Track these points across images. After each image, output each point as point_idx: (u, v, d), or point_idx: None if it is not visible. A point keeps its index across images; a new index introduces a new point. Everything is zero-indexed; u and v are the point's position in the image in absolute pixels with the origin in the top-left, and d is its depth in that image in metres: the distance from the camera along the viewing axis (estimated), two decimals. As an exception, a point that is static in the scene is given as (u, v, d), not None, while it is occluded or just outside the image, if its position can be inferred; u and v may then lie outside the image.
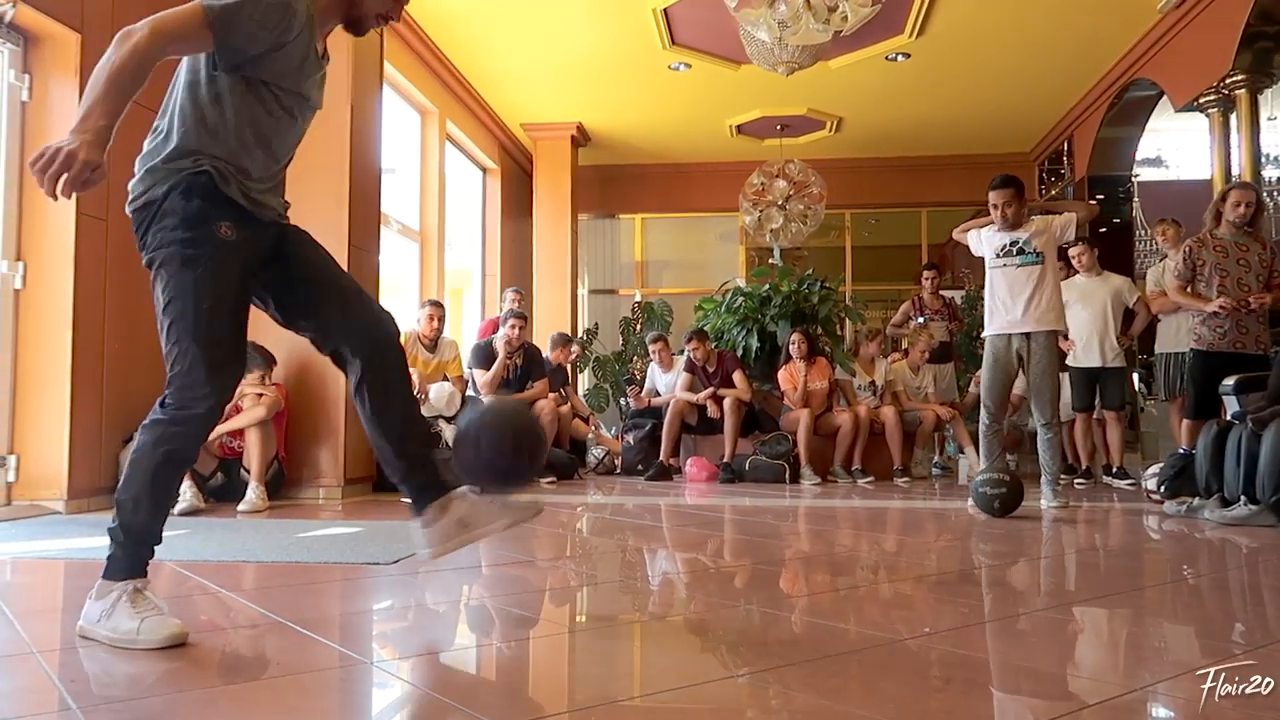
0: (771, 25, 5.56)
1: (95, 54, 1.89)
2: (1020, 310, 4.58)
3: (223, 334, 1.91)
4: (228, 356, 1.93)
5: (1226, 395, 4.63)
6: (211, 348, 1.89)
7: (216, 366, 1.90)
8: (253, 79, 1.95)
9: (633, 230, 11.40)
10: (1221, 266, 4.92)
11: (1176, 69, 7.17)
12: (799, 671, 1.65)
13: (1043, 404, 4.59)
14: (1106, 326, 6.00)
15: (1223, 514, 4.08)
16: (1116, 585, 2.72)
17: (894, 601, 2.28)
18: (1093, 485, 6.15)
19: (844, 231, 11.10)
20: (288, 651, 1.85)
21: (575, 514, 4.54)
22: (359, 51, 5.17)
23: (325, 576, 2.67)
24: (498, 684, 1.73)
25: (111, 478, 4.47)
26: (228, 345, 1.92)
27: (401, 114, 7.71)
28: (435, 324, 6.11)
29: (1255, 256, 4.91)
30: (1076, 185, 9.17)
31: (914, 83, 8.39)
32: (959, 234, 5.04)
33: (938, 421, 6.92)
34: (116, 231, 4.54)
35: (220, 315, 1.91)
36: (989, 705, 1.57)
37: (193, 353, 1.89)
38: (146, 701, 1.46)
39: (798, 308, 7.38)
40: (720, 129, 9.73)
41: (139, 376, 4.69)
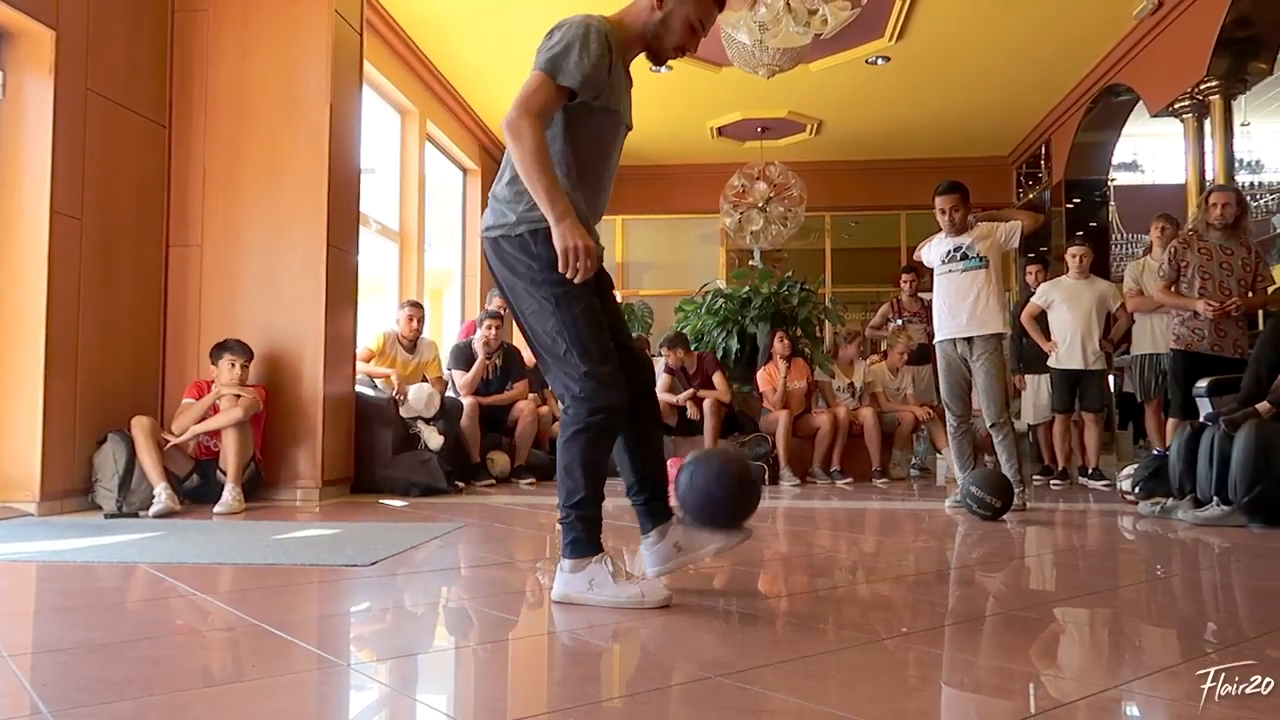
0: (752, 28, 5.57)
1: (70, 51, 1.87)
2: (965, 315, 4.64)
3: (606, 344, 2.18)
4: (613, 359, 2.19)
5: (1199, 397, 4.69)
6: (603, 361, 2.15)
7: (611, 371, 2.16)
8: (593, 106, 2.21)
9: (613, 231, 11.39)
10: (1204, 269, 4.98)
11: (1152, 75, 7.25)
12: (777, 672, 1.66)
13: (991, 406, 4.63)
14: (1090, 329, 6.04)
15: (1195, 515, 4.12)
16: (1091, 585, 2.75)
17: (872, 602, 2.29)
18: (1069, 486, 6.21)
19: (824, 234, 11.15)
20: (264, 654, 1.84)
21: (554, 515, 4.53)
22: (338, 50, 5.15)
23: (302, 579, 2.65)
24: (476, 686, 1.72)
25: (85, 479, 4.43)
26: (610, 352, 2.18)
27: (381, 114, 7.67)
28: (415, 325, 6.09)
29: (1239, 260, 4.97)
30: (1054, 189, 9.26)
31: (894, 86, 8.44)
32: (917, 254, 5.12)
33: (916, 423, 6.96)
34: (91, 230, 4.50)
35: (600, 330, 2.18)
36: (965, 705, 1.58)
37: (596, 372, 2.13)
38: (118, 705, 1.44)
39: (777, 309, 7.40)
40: (701, 131, 9.74)
41: (114, 377, 4.64)
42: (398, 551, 3.02)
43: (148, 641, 1.90)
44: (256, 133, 5.06)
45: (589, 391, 2.11)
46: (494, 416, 6.32)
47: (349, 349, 5.35)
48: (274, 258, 5.02)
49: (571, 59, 2.11)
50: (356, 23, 5.43)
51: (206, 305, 5.04)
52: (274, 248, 5.02)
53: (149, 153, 4.94)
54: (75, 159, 4.38)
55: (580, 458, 2.14)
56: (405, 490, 5.29)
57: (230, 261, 5.04)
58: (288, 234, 5.02)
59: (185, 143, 5.08)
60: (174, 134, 5.08)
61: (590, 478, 2.15)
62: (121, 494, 4.31)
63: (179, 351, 5.01)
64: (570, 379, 2.13)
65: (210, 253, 5.06)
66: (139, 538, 3.44)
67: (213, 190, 5.07)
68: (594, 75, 2.13)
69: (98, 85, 4.50)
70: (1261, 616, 2.34)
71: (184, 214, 5.07)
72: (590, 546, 2.15)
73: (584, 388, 2.11)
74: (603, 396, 2.11)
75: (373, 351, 5.95)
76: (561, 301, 2.12)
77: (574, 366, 2.12)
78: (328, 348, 5.00)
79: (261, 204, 5.04)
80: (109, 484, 4.34)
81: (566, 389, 2.15)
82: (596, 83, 2.15)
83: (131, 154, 4.80)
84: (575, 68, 2.11)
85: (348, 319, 5.30)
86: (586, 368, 2.11)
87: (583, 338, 2.12)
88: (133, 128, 4.79)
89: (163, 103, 5.03)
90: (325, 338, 4.98)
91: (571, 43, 2.12)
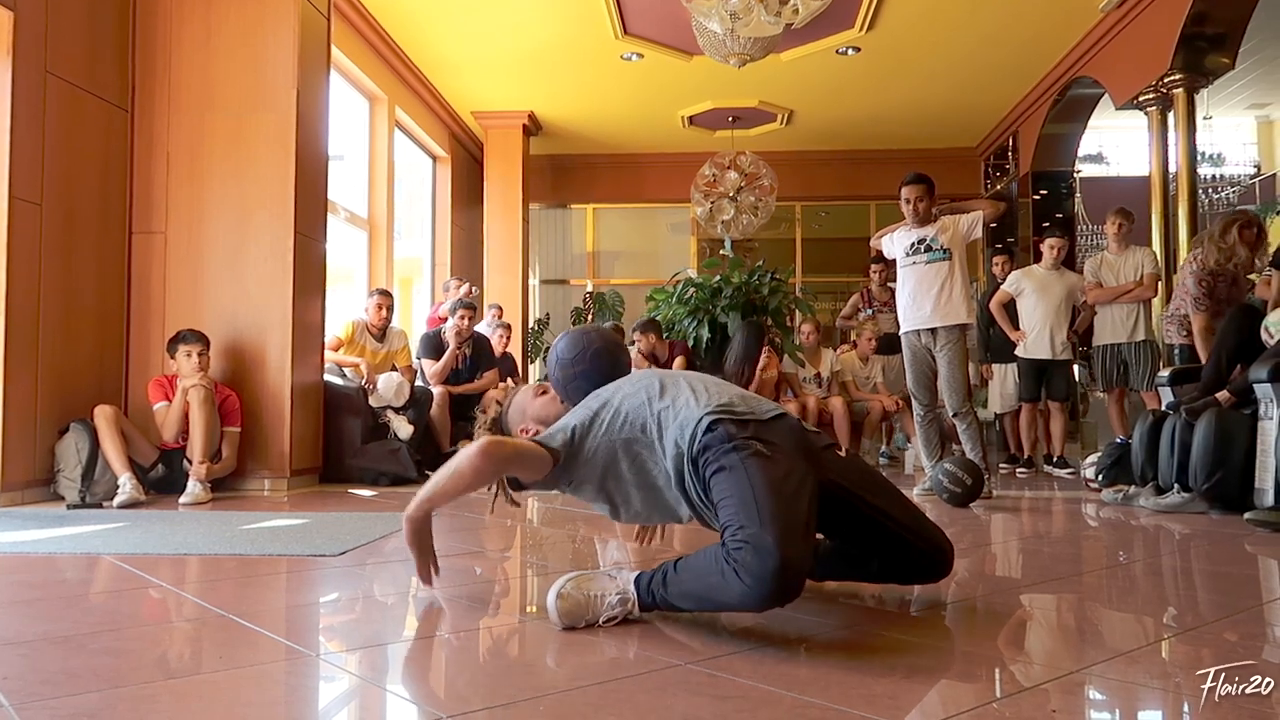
0: (723, 16, 5.56)
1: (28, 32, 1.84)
2: (929, 306, 4.69)
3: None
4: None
5: (1161, 386, 4.76)
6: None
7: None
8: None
9: (584, 220, 11.37)
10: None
11: (1117, 68, 7.34)
12: (747, 659, 1.67)
13: (954, 396, 4.71)
14: (1059, 320, 6.12)
15: (1157, 502, 4.20)
16: (1056, 571, 2.79)
17: (839, 589, 2.31)
18: (1034, 474, 6.29)
19: (794, 224, 11.20)
20: (231, 645, 1.82)
21: (525, 504, 4.52)
22: (305, 35, 5.08)
23: (270, 569, 2.63)
24: (447, 675, 1.72)
25: (46, 470, 4.36)
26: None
27: (349, 100, 7.59)
28: (384, 313, 6.04)
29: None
30: (1021, 180, 9.35)
31: (864, 76, 8.48)
32: (875, 241, 5.15)
33: (885, 412, 7.02)
34: (51, 216, 4.41)
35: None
36: (933, 690, 1.60)
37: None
38: (83, 697, 1.43)
39: (748, 299, 7.42)
40: (672, 120, 9.73)
41: (76, 365, 4.57)
42: (367, 541, 3.00)
43: (112, 633, 1.87)
44: (222, 118, 4.99)
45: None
46: (464, 405, 6.30)
47: (317, 338, 5.31)
48: (240, 245, 4.96)
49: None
50: (324, 7, 5.36)
51: (171, 293, 4.97)
52: (240, 235, 4.96)
53: (111, 137, 4.85)
54: (34, 143, 4.29)
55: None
56: (374, 480, 5.26)
57: (195, 248, 4.97)
58: (254, 221, 4.96)
59: (148, 128, 5.00)
60: (136, 119, 4.99)
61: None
62: (85, 484, 4.25)
63: (143, 340, 4.94)
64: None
65: (174, 239, 4.98)
66: (103, 528, 3.40)
67: (177, 176, 4.99)
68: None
69: (57, 68, 4.41)
70: (1220, 601, 2.39)
71: (147, 200, 4.99)
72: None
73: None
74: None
75: (341, 340, 5.90)
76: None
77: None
78: (295, 336, 4.95)
79: (227, 190, 4.97)
80: (71, 474, 4.28)
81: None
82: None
83: (93, 138, 4.71)
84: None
85: (316, 307, 5.25)
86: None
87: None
88: (94, 112, 4.70)
89: (125, 87, 4.94)
90: (293, 326, 4.93)
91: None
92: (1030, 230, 9.12)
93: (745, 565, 1.70)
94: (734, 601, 1.75)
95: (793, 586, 1.71)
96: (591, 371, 2.30)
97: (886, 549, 2.10)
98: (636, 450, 2.05)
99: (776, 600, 1.71)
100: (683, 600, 1.84)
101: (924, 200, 4.70)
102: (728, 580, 1.72)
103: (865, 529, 2.09)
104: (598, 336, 2.42)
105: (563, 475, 2.08)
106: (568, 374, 2.36)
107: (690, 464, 1.95)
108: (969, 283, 4.84)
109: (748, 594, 1.70)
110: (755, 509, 1.76)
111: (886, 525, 2.07)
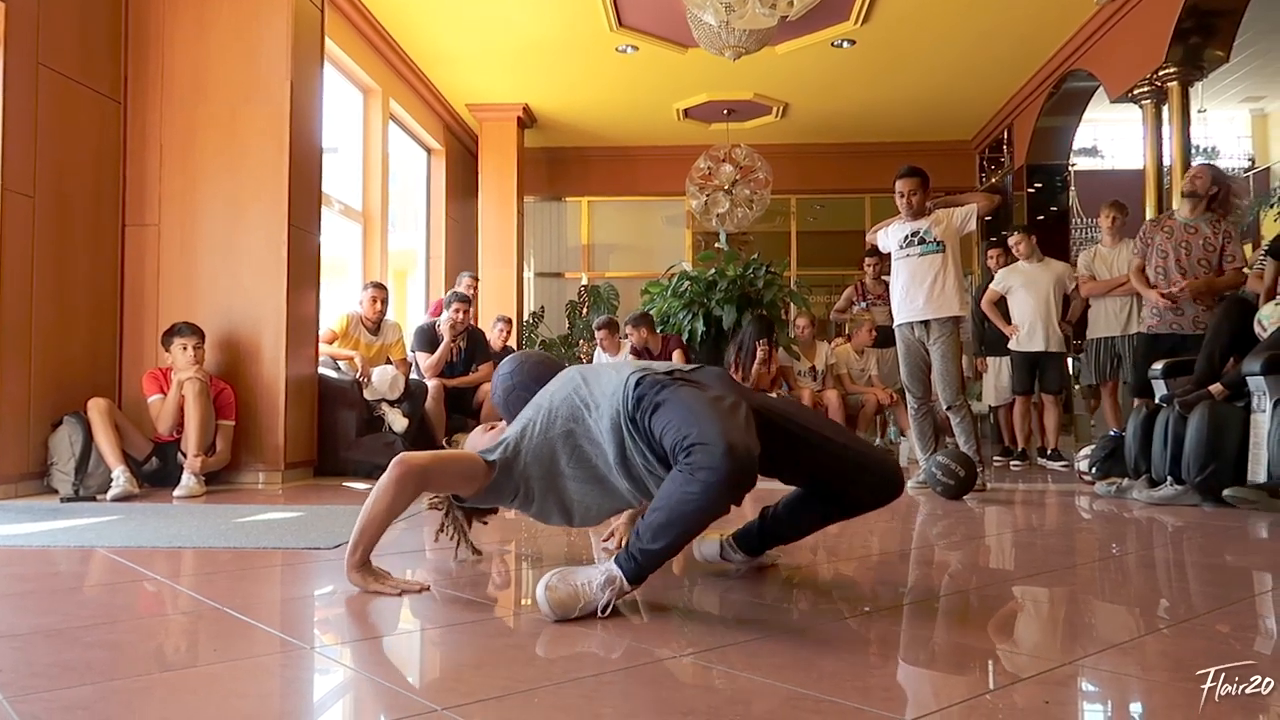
0: (718, 9, 5.55)
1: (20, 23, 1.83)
2: (922, 299, 4.70)
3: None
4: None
5: (1155, 379, 4.78)
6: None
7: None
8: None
9: (579, 213, 11.35)
10: (1163, 249, 5.10)
11: (1112, 61, 7.34)
12: (741, 651, 1.67)
13: (947, 389, 4.72)
14: (1050, 312, 6.13)
15: (1150, 494, 4.21)
16: (1049, 563, 2.80)
17: (835, 582, 2.32)
18: (1028, 467, 6.31)
19: (789, 217, 11.19)
20: (226, 638, 1.82)
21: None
22: (299, 27, 5.06)
23: (265, 562, 2.63)
24: (441, 668, 1.72)
25: (40, 462, 4.35)
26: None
27: (344, 92, 7.56)
28: (378, 306, 6.04)
29: (1200, 240, 5.06)
30: (1016, 173, 9.36)
31: (859, 69, 8.47)
32: (871, 235, 5.16)
33: (879, 405, 7.03)
34: (44, 208, 4.40)
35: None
36: (925, 682, 1.60)
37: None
38: (77, 690, 1.42)
39: (743, 292, 7.43)
40: (667, 112, 9.72)
41: (69, 358, 4.56)
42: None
43: (106, 626, 1.87)
44: (215, 110, 4.97)
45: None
46: (459, 398, 6.30)
47: (311, 330, 5.30)
48: (234, 237, 4.94)
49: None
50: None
51: (164, 285, 4.95)
52: (234, 227, 4.95)
53: (104, 130, 4.83)
54: (27, 135, 4.27)
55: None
56: (369, 473, 5.26)
57: (189, 241, 4.96)
58: (248, 213, 4.94)
59: (141, 120, 4.98)
60: (130, 111, 4.97)
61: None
62: (78, 477, 4.24)
63: (136, 332, 4.92)
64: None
65: (168, 232, 4.97)
66: (97, 521, 3.39)
67: (170, 169, 4.97)
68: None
69: (50, 59, 4.39)
70: (1212, 593, 2.40)
71: (141, 192, 4.97)
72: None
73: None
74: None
75: (336, 333, 5.89)
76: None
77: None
78: (290, 329, 4.94)
79: (221, 183, 4.96)
80: (65, 467, 4.27)
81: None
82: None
83: (86, 131, 4.69)
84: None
85: (310, 300, 5.24)
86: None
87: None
88: (87, 104, 4.68)
89: (118, 78, 4.92)
90: (287, 319, 4.92)
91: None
92: (1025, 223, 9.11)
93: (698, 463, 1.79)
94: (700, 502, 1.80)
95: (746, 467, 1.79)
96: (529, 380, 2.43)
97: (835, 472, 2.17)
98: (576, 442, 2.10)
99: (735, 481, 1.78)
100: (660, 536, 1.86)
101: (918, 193, 4.71)
102: (689, 488, 1.80)
103: (810, 455, 2.16)
104: (533, 354, 2.64)
105: (506, 483, 2.14)
106: (507, 387, 2.54)
107: (630, 424, 2.02)
108: (963, 276, 4.85)
109: (708, 487, 1.78)
110: (695, 419, 1.87)
111: (828, 447, 2.16)
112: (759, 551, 2.39)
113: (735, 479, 1.78)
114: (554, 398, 2.16)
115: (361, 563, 2.16)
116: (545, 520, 2.26)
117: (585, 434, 2.10)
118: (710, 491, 1.78)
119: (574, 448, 2.11)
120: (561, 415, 2.12)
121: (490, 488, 2.14)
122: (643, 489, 2.10)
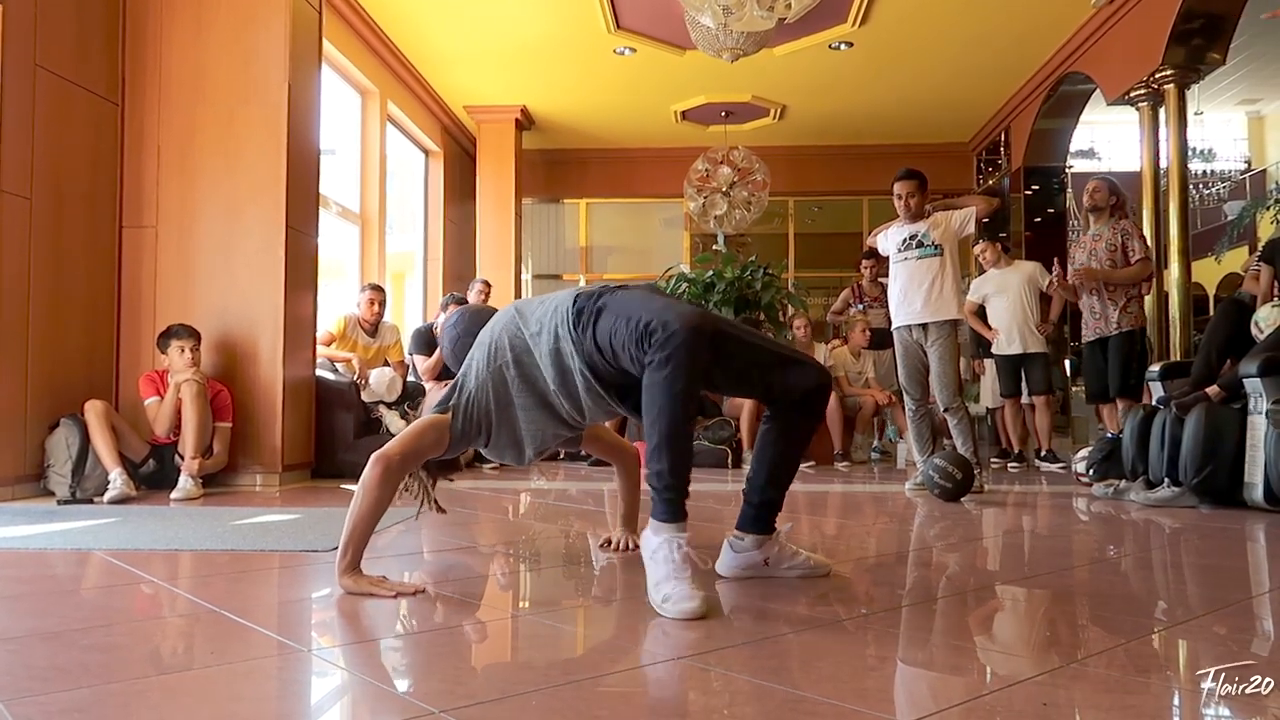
0: (716, 11, 5.56)
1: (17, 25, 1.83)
2: (920, 301, 4.71)
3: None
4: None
5: (1152, 381, 4.79)
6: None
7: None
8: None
9: (577, 215, 11.36)
10: (1075, 260, 5.50)
11: (1109, 63, 7.35)
12: (740, 653, 1.67)
13: (944, 391, 4.73)
14: (1025, 314, 6.16)
15: (1147, 496, 4.22)
16: (1047, 565, 2.80)
17: (832, 584, 2.31)
18: (1024, 469, 6.31)
19: (787, 218, 11.20)
20: (223, 641, 1.82)
21: (518, 499, 4.52)
22: (296, 29, 5.06)
23: (262, 564, 2.63)
24: (438, 670, 1.72)
25: (37, 465, 4.34)
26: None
27: (341, 94, 7.56)
28: (376, 308, 6.04)
29: (1103, 244, 5.40)
30: (1013, 175, 9.37)
31: (857, 72, 8.48)
32: (871, 239, 5.19)
33: (877, 407, 7.04)
34: (41, 209, 4.39)
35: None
36: (923, 683, 1.60)
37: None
38: (73, 693, 1.42)
39: (741, 294, 7.43)
40: (665, 114, 9.72)
41: (66, 360, 4.55)
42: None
43: (103, 629, 1.87)
44: (213, 112, 4.97)
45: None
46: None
47: (309, 332, 5.29)
48: (231, 239, 4.94)
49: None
50: (315, 0, 5.34)
51: (161, 287, 4.95)
52: (231, 229, 4.94)
53: (101, 131, 4.83)
54: (24, 136, 4.27)
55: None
56: (367, 475, 5.25)
57: (186, 243, 4.96)
58: (245, 215, 4.94)
59: (139, 122, 4.97)
60: (127, 113, 4.97)
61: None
62: (75, 479, 4.23)
63: (133, 334, 4.92)
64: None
65: (165, 234, 4.96)
66: (93, 524, 3.39)
67: (167, 170, 4.97)
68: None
69: (46, 61, 4.39)
70: (1209, 594, 2.40)
71: (138, 194, 4.97)
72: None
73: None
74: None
75: (333, 335, 5.89)
76: None
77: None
78: (287, 331, 4.93)
79: (218, 185, 4.95)
80: (62, 469, 4.27)
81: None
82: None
83: (82, 132, 4.69)
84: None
85: (307, 302, 5.24)
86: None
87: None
88: (84, 105, 4.68)
89: (115, 80, 4.92)
90: (284, 321, 4.92)
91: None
92: (1022, 225, 9.14)
93: (659, 342, 1.89)
94: (675, 376, 1.89)
95: (704, 327, 1.93)
96: (472, 326, 2.49)
97: (764, 366, 2.24)
98: (524, 367, 2.19)
99: (699, 343, 1.90)
100: (661, 448, 1.93)
101: (916, 196, 4.71)
102: (660, 371, 1.90)
103: (743, 353, 2.22)
104: (475, 304, 2.71)
105: (468, 425, 2.21)
106: (453, 337, 2.65)
107: (576, 346, 2.10)
108: (960, 278, 4.86)
109: (677, 357, 1.88)
110: (643, 310, 1.98)
111: (756, 344, 2.26)
112: (765, 526, 2.32)
113: (698, 341, 1.89)
114: (494, 332, 2.25)
115: (352, 566, 2.17)
116: (499, 458, 2.34)
117: (529, 359, 2.18)
118: (681, 359, 1.88)
119: (519, 375, 2.20)
120: (502, 346, 2.21)
121: (458, 436, 2.22)
122: (578, 407, 2.19)
